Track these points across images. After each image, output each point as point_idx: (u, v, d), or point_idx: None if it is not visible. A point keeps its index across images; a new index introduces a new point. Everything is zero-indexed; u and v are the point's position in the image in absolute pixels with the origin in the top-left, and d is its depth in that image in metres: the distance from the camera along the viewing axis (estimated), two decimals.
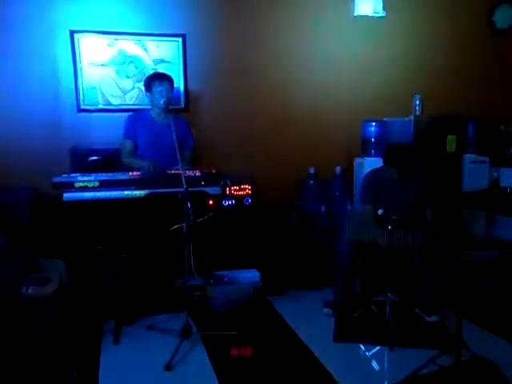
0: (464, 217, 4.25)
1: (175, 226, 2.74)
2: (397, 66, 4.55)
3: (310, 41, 4.33)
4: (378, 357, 2.67)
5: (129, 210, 3.09)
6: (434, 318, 3.02)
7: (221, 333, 2.91)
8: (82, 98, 3.84)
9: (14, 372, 2.50)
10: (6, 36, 3.64)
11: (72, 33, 3.74)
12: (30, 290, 2.63)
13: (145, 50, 3.93)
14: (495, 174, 3.53)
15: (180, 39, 3.99)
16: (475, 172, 4.42)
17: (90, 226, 3.49)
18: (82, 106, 3.85)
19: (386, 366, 2.60)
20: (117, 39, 3.85)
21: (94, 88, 3.85)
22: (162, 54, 3.97)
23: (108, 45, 3.84)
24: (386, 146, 3.21)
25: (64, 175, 2.74)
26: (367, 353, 2.72)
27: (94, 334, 2.89)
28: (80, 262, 3.16)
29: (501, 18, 4.80)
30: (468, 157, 4.45)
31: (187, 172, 2.75)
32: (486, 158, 4.47)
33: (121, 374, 2.50)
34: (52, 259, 3.15)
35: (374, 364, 2.60)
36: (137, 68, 3.92)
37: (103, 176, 2.71)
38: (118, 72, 3.89)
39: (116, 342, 2.84)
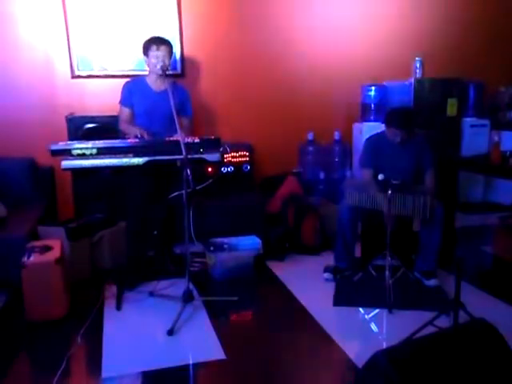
0: (462, 181, 4.25)
1: (175, 194, 2.73)
2: (396, 28, 4.46)
3: (309, 6, 4.21)
4: (377, 319, 2.72)
5: (128, 176, 3.08)
6: (433, 282, 3.05)
7: (222, 298, 2.95)
8: (76, 63, 3.76)
9: (16, 340, 2.55)
10: None
11: None
12: (31, 258, 2.64)
13: (140, 13, 3.82)
14: (496, 138, 3.50)
15: (175, 2, 3.88)
16: (475, 136, 4.39)
17: (88, 193, 3.49)
18: (77, 72, 3.77)
19: (384, 328, 2.65)
20: (111, 2, 3.74)
21: (88, 53, 3.77)
22: (157, 17, 3.86)
23: (102, 8, 3.73)
24: (388, 110, 3.17)
25: (61, 143, 2.70)
26: (366, 315, 2.77)
27: (95, 300, 2.92)
28: (80, 229, 3.16)
29: None
30: (468, 120, 4.41)
31: (186, 139, 2.72)
32: (487, 122, 4.44)
33: (124, 338, 2.54)
34: (52, 227, 3.15)
35: (373, 326, 2.65)
36: (132, 32, 3.82)
37: (101, 143, 2.67)
38: (112, 36, 3.80)
39: (118, 307, 2.87)
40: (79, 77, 3.78)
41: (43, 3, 3.62)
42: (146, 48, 3.21)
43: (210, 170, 3.56)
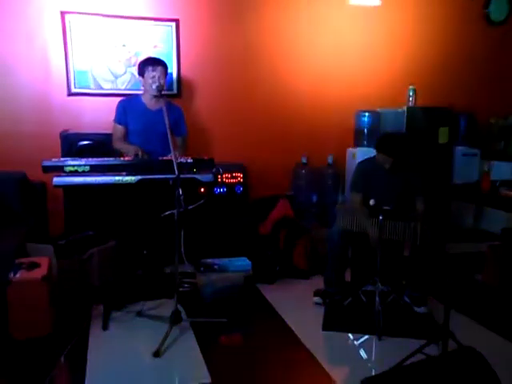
0: (453, 208, 4.29)
1: (166, 213, 2.72)
2: (391, 56, 4.55)
3: (304, 30, 4.30)
4: (366, 346, 2.70)
5: (119, 195, 3.06)
6: (422, 309, 3.04)
7: (211, 320, 2.91)
8: (72, 81, 3.78)
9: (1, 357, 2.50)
10: None
11: (63, 14, 3.68)
12: (18, 275, 2.61)
13: (137, 33, 3.87)
14: (486, 167, 3.55)
15: (173, 24, 3.94)
16: (466, 164, 4.45)
17: (79, 210, 3.47)
18: (73, 90, 3.80)
19: (373, 354, 2.63)
20: (109, 22, 3.79)
21: (85, 71, 3.80)
22: (155, 38, 3.91)
23: (100, 27, 3.78)
24: (381, 135, 3.19)
25: (54, 159, 2.70)
26: (355, 342, 2.75)
27: (82, 319, 2.88)
28: (70, 246, 3.13)
29: (496, 9, 4.81)
30: (460, 149, 4.47)
31: (179, 158, 2.73)
32: (477, 151, 4.50)
33: (109, 359, 2.49)
34: (41, 244, 3.12)
35: (362, 353, 2.62)
36: (129, 52, 3.87)
37: (94, 161, 2.67)
38: (109, 56, 3.84)
39: (105, 327, 2.82)
40: (75, 94, 3.80)
41: (43, 22, 3.66)
42: (142, 68, 3.25)
43: (202, 190, 3.55)
